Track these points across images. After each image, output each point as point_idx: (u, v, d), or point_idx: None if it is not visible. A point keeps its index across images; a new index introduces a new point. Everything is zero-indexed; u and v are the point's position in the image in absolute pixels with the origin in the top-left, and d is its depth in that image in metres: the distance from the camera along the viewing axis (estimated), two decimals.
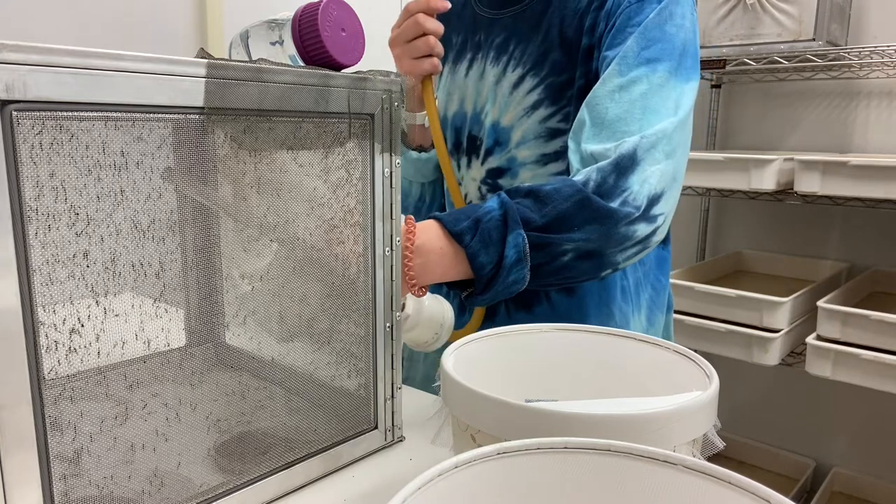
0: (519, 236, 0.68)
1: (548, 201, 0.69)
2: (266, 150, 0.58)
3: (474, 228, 0.68)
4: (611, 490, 0.41)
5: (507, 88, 0.85)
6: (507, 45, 0.86)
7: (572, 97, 0.81)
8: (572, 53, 0.80)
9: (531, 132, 0.84)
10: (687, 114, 0.75)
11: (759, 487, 0.36)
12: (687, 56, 0.76)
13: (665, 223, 0.74)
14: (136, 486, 0.52)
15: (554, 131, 0.83)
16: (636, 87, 0.73)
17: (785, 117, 1.81)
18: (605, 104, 0.73)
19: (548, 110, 0.83)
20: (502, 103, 0.86)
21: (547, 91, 0.82)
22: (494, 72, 0.87)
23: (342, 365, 0.67)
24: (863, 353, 1.36)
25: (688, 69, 0.76)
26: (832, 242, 1.78)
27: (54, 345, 0.46)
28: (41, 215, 0.44)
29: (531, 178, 0.85)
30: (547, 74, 0.82)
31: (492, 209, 0.69)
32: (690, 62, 0.76)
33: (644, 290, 0.90)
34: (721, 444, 0.51)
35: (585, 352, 0.64)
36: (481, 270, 0.68)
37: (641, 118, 0.72)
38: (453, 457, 0.38)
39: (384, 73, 0.64)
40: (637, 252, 0.74)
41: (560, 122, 0.82)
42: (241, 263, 0.59)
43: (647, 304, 0.91)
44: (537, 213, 0.69)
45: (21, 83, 0.41)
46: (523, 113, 0.84)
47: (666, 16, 0.75)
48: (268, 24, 0.64)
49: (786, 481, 1.82)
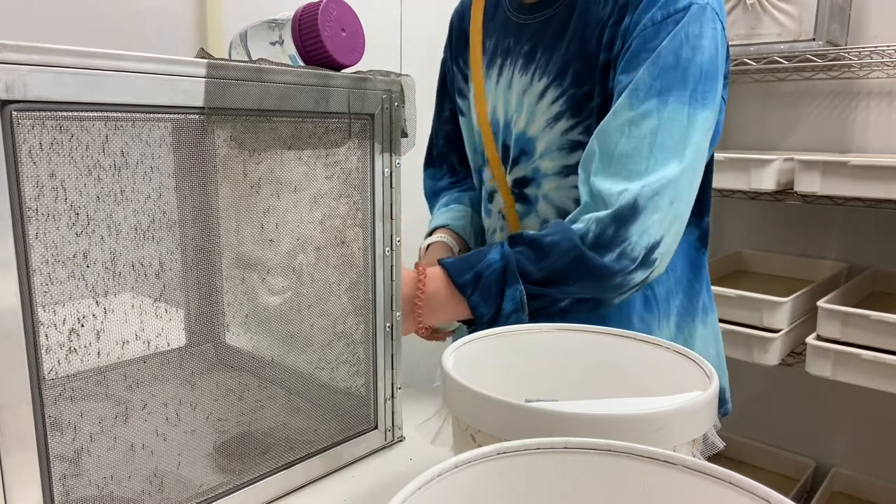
0: (517, 290, 0.71)
1: (546, 255, 0.71)
2: (266, 150, 0.58)
3: (475, 282, 0.72)
4: (611, 490, 0.41)
5: (533, 98, 0.85)
6: (533, 54, 0.85)
7: (593, 110, 0.80)
8: (592, 66, 0.79)
9: (554, 143, 0.84)
10: (696, 152, 0.74)
11: (759, 487, 0.36)
12: (703, 80, 0.73)
13: (663, 262, 0.75)
14: (136, 486, 0.52)
15: (575, 143, 0.82)
16: (646, 122, 0.72)
17: (785, 117, 1.81)
18: (615, 138, 0.73)
19: (569, 122, 0.82)
20: (528, 113, 0.85)
21: (568, 103, 0.82)
22: (522, 81, 0.86)
23: (342, 365, 0.67)
24: (863, 353, 1.36)
25: (704, 94, 0.73)
26: (832, 242, 1.78)
27: (54, 345, 0.46)
28: (41, 215, 0.44)
29: (554, 188, 0.85)
30: (569, 86, 0.81)
31: (493, 262, 0.72)
32: (708, 86, 0.74)
33: (675, 298, 0.89)
34: (721, 444, 0.51)
35: (585, 352, 0.64)
36: (481, 319, 0.73)
37: (649, 156, 0.72)
38: (453, 457, 0.38)
39: (384, 73, 0.64)
40: (635, 292, 0.77)
41: (581, 135, 0.81)
42: (241, 263, 0.59)
43: (678, 311, 0.89)
44: (536, 265, 0.71)
45: (21, 83, 0.41)
46: (546, 124, 0.83)
47: (681, 39, 0.72)
48: (268, 24, 0.64)
49: (786, 481, 1.81)
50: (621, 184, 0.71)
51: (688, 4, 0.72)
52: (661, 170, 0.72)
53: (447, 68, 1.03)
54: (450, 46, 1.02)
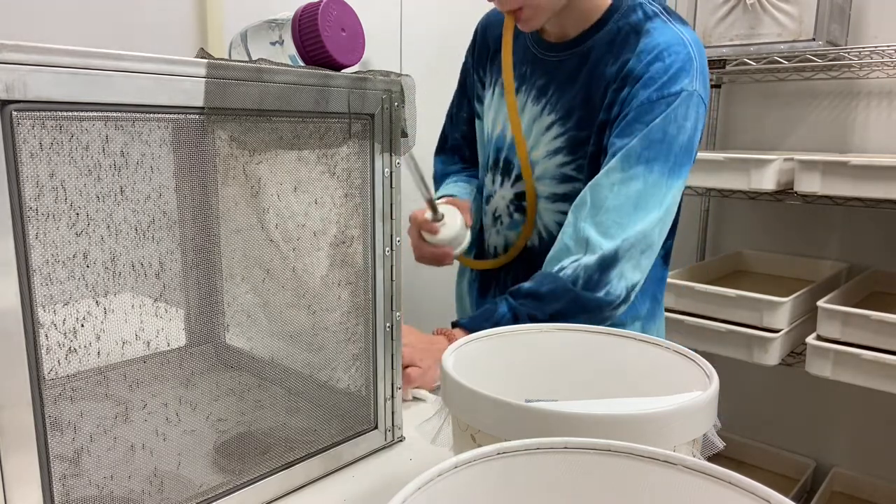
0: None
1: (547, 301, 0.85)
2: (266, 150, 0.58)
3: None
4: (611, 490, 0.41)
5: (541, 129, 0.97)
6: (546, 90, 0.96)
7: (587, 153, 0.93)
8: (593, 118, 0.91)
9: (549, 172, 0.97)
10: (668, 209, 0.89)
11: (759, 487, 0.36)
12: (682, 154, 0.87)
13: (636, 294, 0.90)
14: (136, 486, 0.52)
15: (567, 177, 0.96)
16: (633, 183, 0.86)
17: (785, 117, 1.80)
18: (605, 193, 0.87)
19: (566, 158, 0.95)
20: (535, 140, 0.98)
21: (568, 142, 0.94)
22: (534, 111, 0.98)
23: (342, 365, 0.67)
24: (863, 353, 1.36)
25: (679, 167, 0.88)
26: (832, 242, 1.78)
27: (54, 345, 0.46)
28: (41, 215, 0.44)
29: (543, 210, 0.98)
30: (571, 127, 0.94)
31: (504, 313, 0.86)
32: (683, 159, 0.88)
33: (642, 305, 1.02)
34: (721, 444, 0.51)
35: (585, 352, 0.64)
36: None
37: (633, 213, 0.86)
38: (453, 457, 0.38)
39: (384, 73, 0.64)
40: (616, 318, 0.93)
41: (573, 171, 0.95)
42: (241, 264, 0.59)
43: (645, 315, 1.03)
44: (540, 311, 0.85)
45: (21, 83, 0.41)
46: (546, 154, 0.96)
47: (671, 118, 0.85)
48: (268, 24, 0.64)
49: (786, 481, 1.81)
50: (605, 235, 0.86)
51: (679, 90, 0.86)
52: (639, 224, 0.86)
53: (468, 73, 1.13)
54: (472, 54, 1.11)
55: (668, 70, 0.86)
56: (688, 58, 0.87)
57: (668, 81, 0.86)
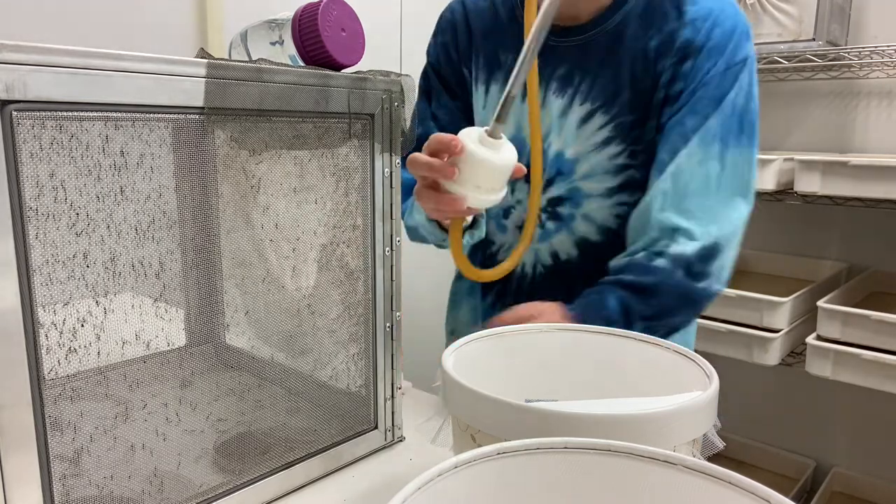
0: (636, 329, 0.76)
1: (653, 294, 0.77)
2: (266, 150, 0.58)
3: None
4: (611, 490, 0.41)
5: (575, 122, 0.87)
6: (570, 78, 0.87)
7: (640, 137, 0.85)
8: (642, 96, 0.84)
9: (600, 167, 0.87)
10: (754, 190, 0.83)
11: (759, 487, 0.36)
12: (755, 124, 0.82)
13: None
14: (136, 486, 0.52)
15: (622, 167, 0.87)
16: (712, 164, 0.80)
17: (785, 117, 1.80)
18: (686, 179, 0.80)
19: (618, 147, 0.86)
20: (568, 136, 0.87)
21: (617, 129, 0.85)
22: (559, 104, 0.87)
23: (342, 365, 0.67)
24: (863, 353, 1.36)
25: (753, 136, 0.83)
26: (832, 242, 1.78)
27: (54, 345, 0.46)
28: (41, 215, 0.44)
29: (597, 208, 0.89)
30: (618, 113, 0.85)
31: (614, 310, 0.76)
32: (756, 128, 0.83)
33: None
34: (721, 444, 0.51)
35: (585, 352, 0.64)
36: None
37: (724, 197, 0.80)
38: (453, 457, 0.38)
39: (384, 73, 0.64)
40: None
41: (628, 158, 0.86)
42: (242, 263, 0.59)
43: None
44: (646, 304, 0.78)
45: (21, 83, 0.41)
46: (592, 148, 0.87)
47: (741, 89, 0.80)
48: (268, 24, 0.64)
49: (786, 481, 1.81)
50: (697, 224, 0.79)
51: (745, 58, 0.80)
52: (732, 210, 0.81)
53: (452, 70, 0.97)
54: (455, 48, 0.96)
55: (731, 36, 0.80)
56: (742, 19, 0.82)
57: (734, 49, 0.80)
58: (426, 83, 1.00)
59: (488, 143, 0.66)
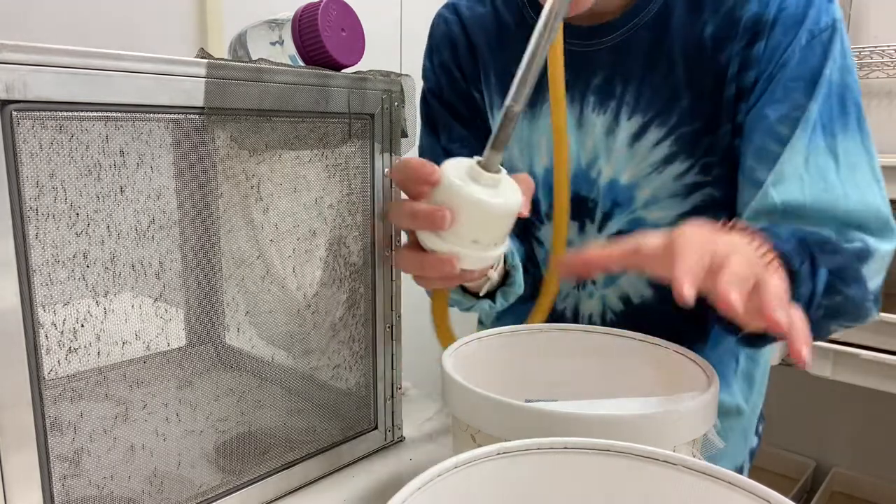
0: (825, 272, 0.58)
1: (835, 251, 0.60)
2: (266, 150, 0.58)
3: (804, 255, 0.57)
4: (611, 490, 0.41)
5: (625, 141, 0.72)
6: (611, 88, 0.72)
7: (713, 147, 0.70)
8: (706, 98, 0.69)
9: (665, 191, 0.72)
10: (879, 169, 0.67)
11: (759, 487, 0.36)
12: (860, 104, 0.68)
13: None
14: (136, 486, 0.52)
15: (692, 186, 0.71)
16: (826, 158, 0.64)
17: None
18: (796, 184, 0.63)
19: (683, 164, 0.71)
20: (619, 158, 0.72)
21: (679, 143, 0.70)
22: (602, 121, 0.73)
23: (342, 365, 0.67)
24: (863, 353, 1.36)
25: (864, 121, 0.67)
26: None
27: (54, 345, 0.46)
28: (41, 215, 0.44)
29: None
30: (677, 124, 0.70)
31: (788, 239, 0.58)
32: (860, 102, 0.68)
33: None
34: (721, 444, 0.51)
35: (585, 352, 0.64)
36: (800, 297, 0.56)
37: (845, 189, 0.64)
38: (453, 457, 0.38)
39: (384, 73, 0.64)
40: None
41: (698, 175, 0.71)
42: (242, 263, 0.59)
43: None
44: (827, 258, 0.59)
45: (21, 83, 0.41)
46: (651, 169, 0.72)
47: (834, 61, 0.64)
48: (268, 24, 0.64)
49: (786, 481, 1.81)
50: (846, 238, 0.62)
51: (832, 21, 0.65)
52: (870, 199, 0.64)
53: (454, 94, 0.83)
54: (457, 67, 0.82)
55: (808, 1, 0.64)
56: None
57: (817, 14, 0.64)
58: (427, 111, 0.85)
59: (483, 180, 0.49)
